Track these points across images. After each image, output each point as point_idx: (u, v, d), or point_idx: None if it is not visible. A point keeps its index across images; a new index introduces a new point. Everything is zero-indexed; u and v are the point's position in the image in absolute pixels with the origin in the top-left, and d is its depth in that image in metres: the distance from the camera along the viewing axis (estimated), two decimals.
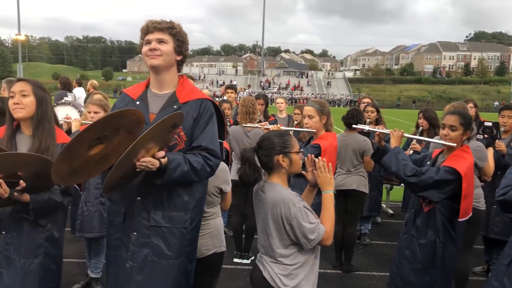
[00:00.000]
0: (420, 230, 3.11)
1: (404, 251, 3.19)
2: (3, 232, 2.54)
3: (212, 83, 65.48)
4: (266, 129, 4.47)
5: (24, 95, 2.55)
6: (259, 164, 2.35)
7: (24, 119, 2.59)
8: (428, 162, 3.24)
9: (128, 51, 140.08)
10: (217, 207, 2.97)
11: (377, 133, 3.37)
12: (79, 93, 8.60)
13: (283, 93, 52.88)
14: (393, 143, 3.28)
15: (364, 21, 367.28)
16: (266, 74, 74.19)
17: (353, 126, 4.16)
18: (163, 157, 2.28)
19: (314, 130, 3.78)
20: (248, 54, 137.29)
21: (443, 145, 3.10)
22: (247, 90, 37.79)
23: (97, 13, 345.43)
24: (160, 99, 2.53)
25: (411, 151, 4.70)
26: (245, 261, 5.10)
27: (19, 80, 2.64)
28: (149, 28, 2.47)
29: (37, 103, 2.57)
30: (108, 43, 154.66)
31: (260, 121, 5.12)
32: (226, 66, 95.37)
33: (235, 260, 5.09)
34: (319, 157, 2.36)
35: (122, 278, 2.49)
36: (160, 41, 2.45)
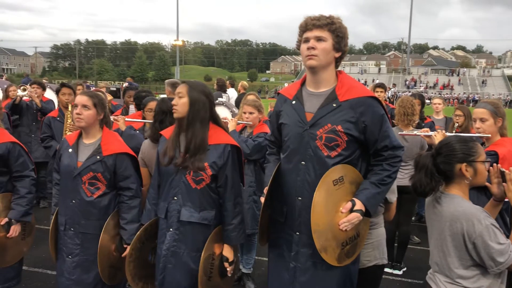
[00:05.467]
0: None
1: None
2: (171, 229, 2.69)
3: None
4: (426, 136, 4.11)
5: (180, 97, 2.68)
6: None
7: (180, 119, 2.70)
8: None
9: (271, 52, 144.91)
10: (380, 217, 2.77)
11: None
12: (231, 93, 9.04)
13: (432, 93, 49.44)
14: None
15: None
16: (412, 72, 70.25)
17: None
18: None
19: (489, 135, 3.33)
20: (392, 52, 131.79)
21: None
22: (392, 89, 36.24)
23: (244, 17, 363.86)
24: (317, 97, 2.41)
25: None
26: (396, 271, 4.81)
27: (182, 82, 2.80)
28: (308, 26, 2.34)
29: (189, 104, 2.66)
30: (254, 45, 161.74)
31: (418, 124, 4.75)
32: (368, 64, 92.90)
33: (386, 269, 4.81)
34: (511, 168, 2.03)
35: (285, 277, 2.46)
36: (319, 39, 2.31)
